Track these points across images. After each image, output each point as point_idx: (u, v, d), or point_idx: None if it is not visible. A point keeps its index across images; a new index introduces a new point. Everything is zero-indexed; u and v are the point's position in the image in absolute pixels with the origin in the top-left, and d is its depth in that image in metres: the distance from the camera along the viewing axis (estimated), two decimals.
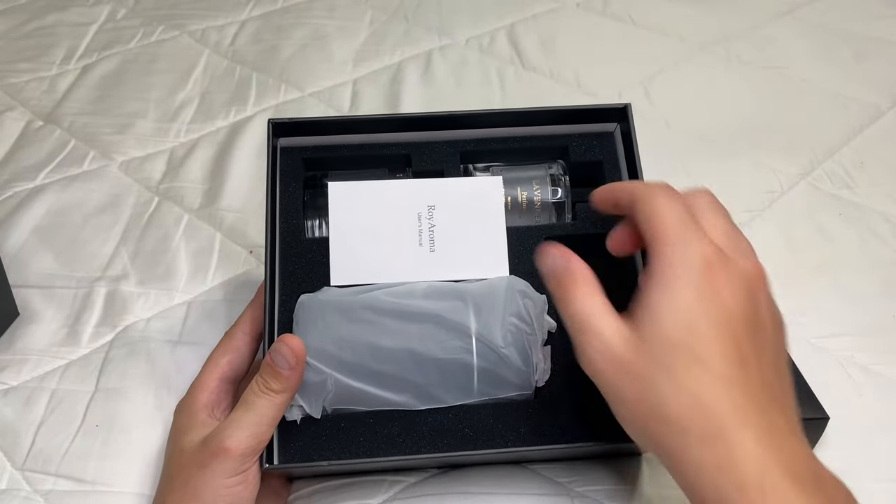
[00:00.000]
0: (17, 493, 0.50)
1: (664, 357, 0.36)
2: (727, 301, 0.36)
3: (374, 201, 0.50)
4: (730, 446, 0.34)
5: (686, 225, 0.38)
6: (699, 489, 0.35)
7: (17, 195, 0.73)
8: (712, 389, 0.35)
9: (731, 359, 0.36)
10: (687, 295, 0.36)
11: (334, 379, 0.46)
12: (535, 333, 0.47)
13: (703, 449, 0.34)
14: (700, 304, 0.36)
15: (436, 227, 0.50)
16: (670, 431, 0.35)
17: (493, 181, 0.51)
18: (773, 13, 1.04)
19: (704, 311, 0.36)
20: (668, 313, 0.36)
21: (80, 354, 0.59)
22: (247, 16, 1.03)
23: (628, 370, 0.37)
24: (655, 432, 0.36)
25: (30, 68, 0.91)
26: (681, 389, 0.35)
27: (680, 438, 0.35)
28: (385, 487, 0.50)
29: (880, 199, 0.75)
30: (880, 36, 0.99)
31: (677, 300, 0.36)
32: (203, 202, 0.73)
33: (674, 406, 0.35)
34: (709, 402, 0.35)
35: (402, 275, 0.49)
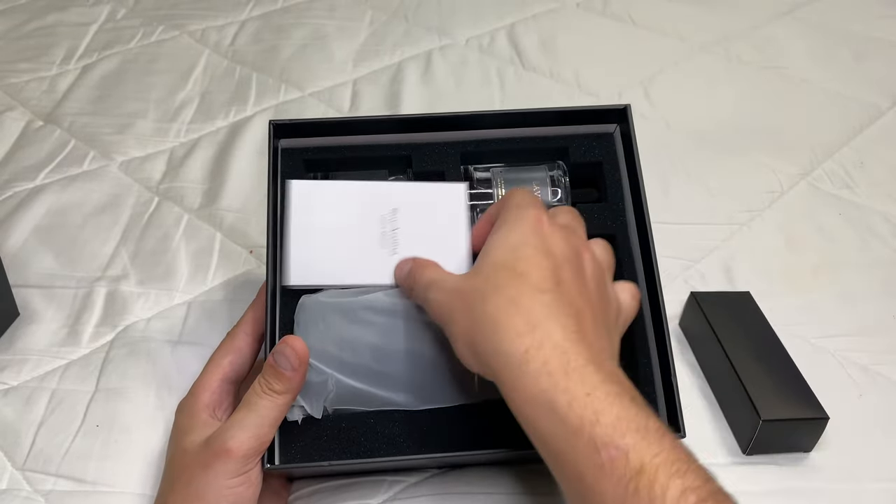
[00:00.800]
0: (18, 493, 0.50)
1: (491, 277, 0.40)
2: (551, 244, 0.41)
3: (336, 202, 0.49)
4: (539, 337, 0.37)
5: (529, 200, 0.44)
6: (520, 385, 0.37)
7: (17, 195, 0.73)
8: (529, 296, 0.39)
9: (547, 277, 0.40)
10: (516, 233, 0.42)
11: (335, 379, 0.46)
12: None
13: (517, 341, 0.37)
14: (526, 238, 0.41)
15: (398, 231, 0.49)
16: (493, 334, 0.38)
17: (457, 187, 0.50)
18: (773, 13, 1.04)
19: (530, 244, 0.41)
20: (498, 246, 0.42)
21: (81, 354, 0.59)
22: (247, 16, 1.03)
23: (462, 295, 0.41)
24: (481, 339, 0.39)
25: (30, 68, 0.91)
26: (502, 297, 0.39)
27: (500, 337, 0.38)
28: (385, 487, 0.50)
29: (880, 198, 0.75)
30: (880, 36, 0.99)
31: (508, 237, 0.42)
32: (203, 202, 0.73)
33: (496, 311, 0.39)
34: (524, 304, 0.39)
35: (362, 277, 0.49)
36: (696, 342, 0.60)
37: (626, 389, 0.36)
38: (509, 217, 0.43)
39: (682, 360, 0.60)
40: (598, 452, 0.34)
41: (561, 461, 0.36)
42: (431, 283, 0.44)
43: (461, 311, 0.41)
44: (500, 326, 0.38)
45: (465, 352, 0.41)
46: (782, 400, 0.52)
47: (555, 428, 0.35)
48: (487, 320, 0.39)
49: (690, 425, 0.47)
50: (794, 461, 0.53)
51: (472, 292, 0.40)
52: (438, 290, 0.43)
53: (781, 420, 0.51)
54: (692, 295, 0.60)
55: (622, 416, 0.35)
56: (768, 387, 0.52)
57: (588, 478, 0.34)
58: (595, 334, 0.39)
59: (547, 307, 0.39)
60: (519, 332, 0.38)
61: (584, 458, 0.34)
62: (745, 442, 0.53)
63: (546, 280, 0.40)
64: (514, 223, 0.42)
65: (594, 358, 0.37)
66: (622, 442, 0.34)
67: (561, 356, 0.37)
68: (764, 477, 0.52)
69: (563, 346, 0.37)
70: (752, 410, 0.51)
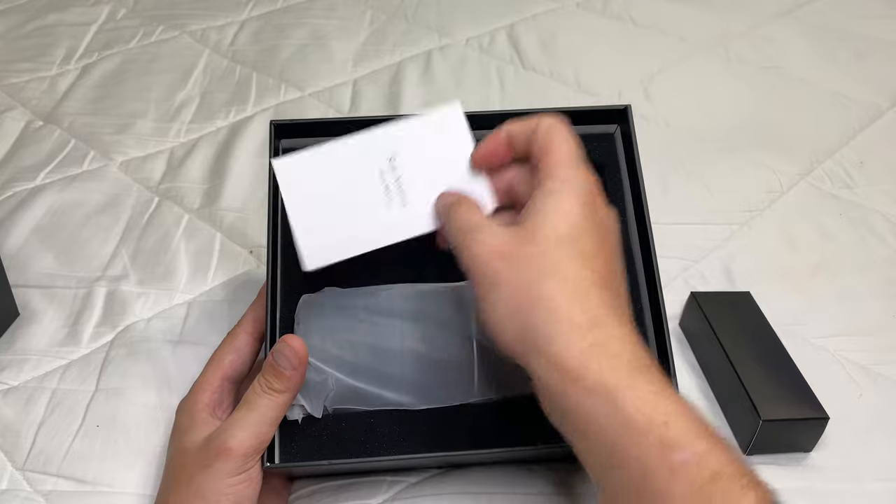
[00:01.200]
0: (18, 494, 0.50)
1: (550, 251, 0.38)
2: (603, 220, 0.40)
3: (327, 168, 0.45)
4: (604, 334, 0.36)
5: (578, 159, 0.41)
6: (579, 379, 0.35)
7: (17, 195, 0.73)
8: (594, 286, 0.38)
9: (607, 265, 0.39)
10: (575, 204, 0.39)
11: (335, 378, 0.46)
12: None
13: (579, 335, 0.36)
14: (585, 213, 0.39)
15: (402, 178, 0.45)
16: (551, 322, 0.37)
17: (451, 109, 0.45)
18: (773, 13, 1.04)
19: (589, 219, 0.39)
20: (557, 213, 0.39)
21: (81, 354, 0.59)
22: (247, 16, 1.03)
23: (511, 258, 0.38)
24: (534, 322, 0.37)
25: (30, 68, 0.91)
26: (564, 281, 0.37)
27: (560, 328, 0.36)
28: (385, 487, 0.50)
29: (880, 198, 0.75)
30: (880, 36, 0.99)
31: (566, 205, 0.39)
32: (203, 202, 0.73)
33: (556, 296, 0.37)
34: (589, 295, 0.37)
35: (378, 239, 0.45)
36: (696, 342, 0.60)
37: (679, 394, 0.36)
38: (567, 176, 0.40)
39: (682, 360, 0.60)
40: (669, 454, 0.33)
41: (621, 458, 0.34)
42: (474, 228, 0.41)
43: (509, 280, 0.38)
44: (560, 315, 0.37)
45: (505, 325, 0.38)
46: (782, 400, 0.52)
47: (617, 426, 0.34)
48: (544, 304, 0.37)
49: None
50: (795, 461, 0.53)
51: (526, 262, 0.38)
52: (481, 242, 0.40)
53: (781, 420, 0.51)
54: (692, 295, 0.60)
55: (691, 420, 0.34)
56: (768, 387, 0.52)
57: (657, 478, 0.33)
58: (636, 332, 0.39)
59: (610, 302, 0.38)
60: (580, 325, 0.36)
61: (653, 459, 0.33)
62: (745, 442, 0.53)
63: (607, 269, 0.39)
64: (573, 188, 0.40)
65: (653, 358, 0.37)
66: (695, 447, 0.33)
67: (629, 353, 0.36)
68: (764, 477, 0.52)
69: (629, 345, 0.36)
70: (753, 410, 0.51)
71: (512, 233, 0.39)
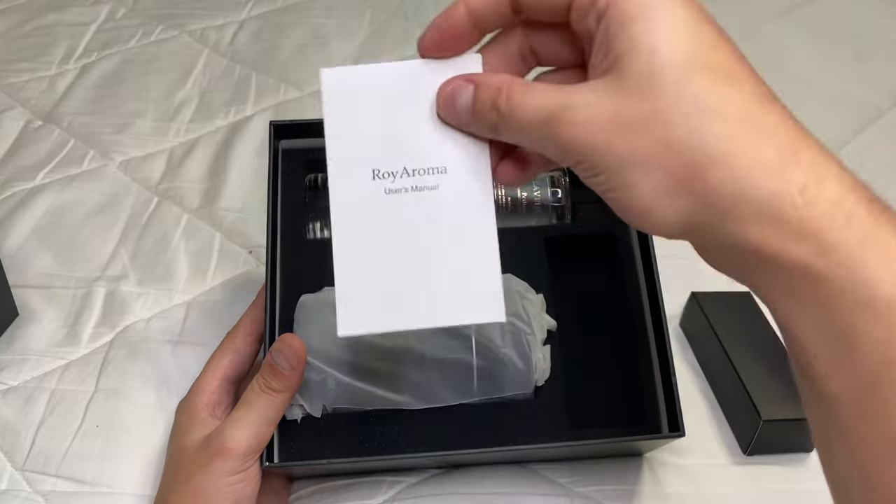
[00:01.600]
0: (18, 494, 0.50)
1: (683, 86, 0.27)
2: (709, 15, 0.30)
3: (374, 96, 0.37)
4: (813, 167, 0.28)
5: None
6: (800, 234, 0.27)
7: (16, 195, 0.73)
8: (761, 108, 0.28)
9: (752, 71, 0.29)
10: (677, 10, 0.28)
11: (335, 378, 0.46)
12: (534, 333, 0.47)
13: (783, 178, 0.27)
14: (695, 14, 0.29)
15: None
16: (734, 176, 0.27)
17: (472, 59, 0.36)
18: (773, 13, 1.04)
19: (704, 21, 0.29)
20: (665, 33, 0.28)
21: (80, 354, 0.59)
22: (246, 15, 1.02)
23: (635, 121, 0.28)
24: (698, 183, 0.28)
25: (29, 68, 0.91)
26: (721, 116, 0.27)
27: (750, 178, 0.27)
28: (385, 488, 0.50)
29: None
30: (881, 35, 0.99)
31: (668, 18, 0.28)
32: (202, 202, 0.73)
33: (718, 138, 0.27)
34: (764, 123, 0.28)
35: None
36: (697, 342, 0.60)
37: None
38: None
39: (682, 360, 0.59)
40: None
41: (851, 331, 0.26)
42: (556, 114, 0.29)
43: (647, 148, 0.28)
44: (740, 163, 0.27)
45: (662, 208, 0.29)
46: (783, 400, 0.52)
47: (851, 283, 0.26)
48: (709, 160, 0.27)
49: (691, 426, 0.47)
50: (795, 461, 0.52)
51: (657, 121, 0.28)
52: (576, 123, 0.29)
53: (782, 420, 0.51)
54: (692, 295, 0.60)
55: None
56: (769, 387, 0.52)
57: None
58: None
59: (788, 120, 0.28)
60: (775, 166, 0.27)
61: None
62: (745, 442, 0.53)
63: (756, 76, 0.29)
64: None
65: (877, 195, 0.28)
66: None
67: (856, 194, 0.27)
68: (765, 477, 0.52)
69: (849, 182, 0.28)
70: (753, 411, 0.51)
71: (613, 88, 0.28)
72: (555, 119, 0.29)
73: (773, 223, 0.27)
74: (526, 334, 0.47)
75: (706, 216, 0.28)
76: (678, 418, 0.46)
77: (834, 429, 0.28)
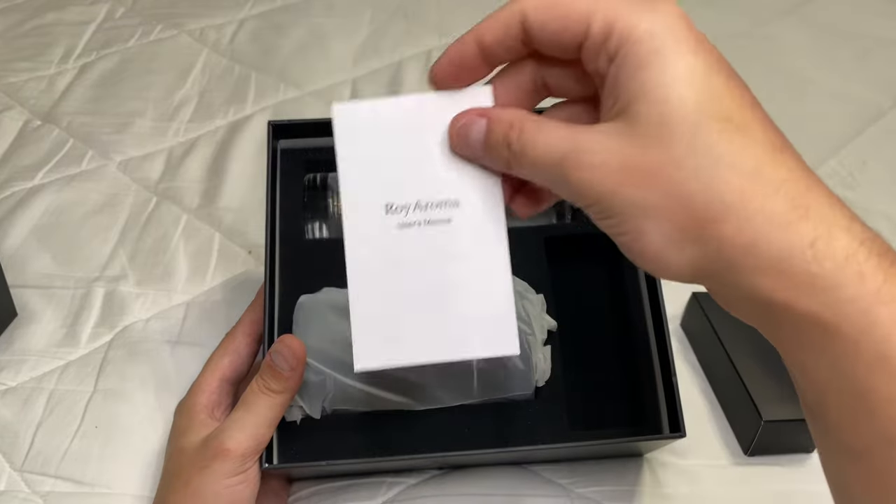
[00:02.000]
0: (17, 495, 0.50)
1: (692, 139, 0.28)
2: (722, 59, 0.30)
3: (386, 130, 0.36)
4: (821, 222, 0.28)
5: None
6: (808, 291, 0.27)
7: (15, 195, 0.73)
8: (770, 161, 0.28)
9: (763, 121, 0.29)
10: (688, 58, 0.28)
11: (334, 379, 0.46)
12: (534, 333, 0.47)
13: (791, 232, 0.27)
14: (707, 64, 0.29)
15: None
16: (732, 223, 0.28)
17: (482, 91, 0.35)
18: (773, 13, 1.04)
19: (713, 70, 0.29)
20: (674, 84, 0.28)
21: (79, 355, 0.59)
22: (245, 14, 1.02)
23: (646, 175, 0.28)
24: (709, 234, 0.28)
25: (28, 67, 0.91)
26: (732, 171, 0.27)
27: (756, 231, 0.27)
28: (384, 489, 0.50)
29: (882, 198, 0.75)
30: (881, 35, 0.99)
31: (679, 66, 0.28)
32: (202, 202, 0.73)
33: (732, 194, 0.27)
34: (771, 177, 0.28)
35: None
36: (698, 342, 0.60)
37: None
38: (651, 27, 0.29)
39: (683, 360, 0.59)
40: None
41: (867, 388, 0.27)
42: (568, 156, 0.30)
43: (658, 194, 0.28)
44: (751, 216, 0.27)
45: (669, 255, 0.29)
46: (784, 401, 0.51)
47: (864, 338, 0.27)
48: (720, 212, 0.28)
49: (692, 426, 0.47)
50: (796, 462, 0.52)
51: (668, 171, 0.28)
52: (589, 167, 0.29)
53: (783, 421, 0.51)
54: (693, 295, 0.60)
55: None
56: (770, 387, 0.52)
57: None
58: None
59: (797, 172, 0.28)
60: (785, 220, 0.27)
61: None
62: (746, 443, 0.53)
63: (767, 126, 0.29)
64: (670, 34, 0.29)
65: (889, 245, 0.28)
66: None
67: (866, 248, 0.27)
68: (766, 478, 0.52)
69: (858, 233, 0.28)
70: (754, 411, 0.51)
71: (625, 134, 0.29)
72: (567, 161, 0.30)
73: (784, 276, 0.28)
74: (526, 334, 0.47)
75: (716, 265, 0.29)
76: (679, 418, 0.46)
77: (853, 476, 0.29)
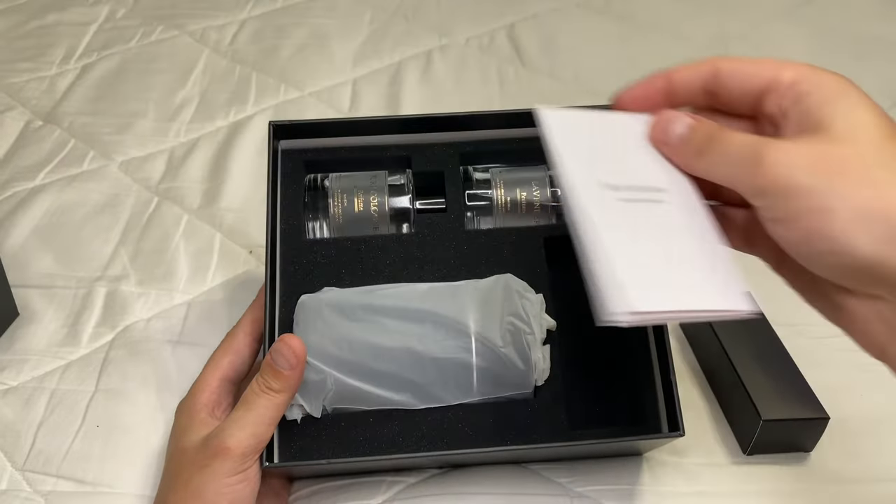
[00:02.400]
0: (18, 494, 0.50)
1: (880, 143, 0.33)
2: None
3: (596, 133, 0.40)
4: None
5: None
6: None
7: (16, 195, 0.73)
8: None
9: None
10: (867, 100, 0.35)
11: (334, 378, 0.46)
12: (533, 333, 0.47)
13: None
14: (880, 109, 0.35)
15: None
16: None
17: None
18: (773, 13, 1.04)
19: (886, 116, 0.35)
20: (861, 112, 0.34)
21: (80, 354, 0.59)
22: (246, 15, 1.02)
23: (840, 158, 0.33)
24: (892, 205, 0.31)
25: (29, 68, 0.91)
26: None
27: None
28: (384, 488, 0.50)
29: None
30: (880, 36, 0.99)
31: (862, 102, 0.35)
32: (203, 202, 0.73)
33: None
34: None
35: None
36: (697, 342, 0.60)
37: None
38: (840, 81, 0.36)
39: (682, 359, 0.60)
40: None
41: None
42: (761, 151, 0.34)
43: (849, 180, 0.32)
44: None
45: (856, 230, 0.32)
46: (783, 400, 0.52)
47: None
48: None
49: (691, 425, 0.47)
50: (795, 461, 0.53)
51: (860, 159, 0.32)
52: (784, 151, 0.33)
53: (782, 420, 0.51)
54: None
55: None
56: (769, 387, 0.52)
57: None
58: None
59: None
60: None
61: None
62: (745, 442, 0.53)
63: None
64: (855, 90, 0.35)
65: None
66: None
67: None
68: (765, 477, 0.52)
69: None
70: (753, 410, 0.51)
71: (816, 140, 0.34)
72: (759, 155, 0.33)
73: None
74: (526, 334, 0.47)
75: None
76: (678, 418, 0.46)
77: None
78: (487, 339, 0.46)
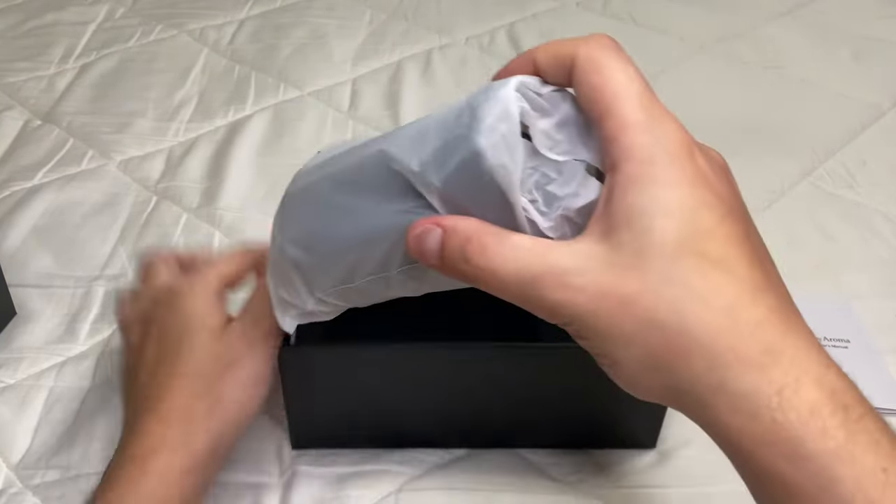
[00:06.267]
0: (15, 492, 0.50)
1: (671, 269, 0.27)
2: (720, 191, 0.29)
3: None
4: (792, 370, 0.27)
5: (650, 102, 0.30)
6: (769, 439, 0.27)
7: (15, 194, 0.73)
8: (748, 301, 0.28)
9: (752, 258, 0.29)
10: (681, 189, 0.28)
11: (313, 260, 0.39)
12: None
13: (758, 379, 0.27)
14: (697, 197, 0.28)
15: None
16: (712, 368, 0.27)
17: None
18: (773, 13, 1.04)
19: (705, 206, 0.28)
20: (661, 213, 0.28)
21: (78, 351, 0.59)
22: (246, 14, 1.02)
23: (622, 303, 0.28)
24: (686, 373, 0.28)
25: (28, 67, 0.91)
26: (707, 309, 0.27)
27: (724, 373, 0.27)
28: (389, 479, 0.50)
29: (881, 198, 0.75)
30: (880, 35, 0.99)
31: (669, 196, 0.28)
32: (202, 201, 0.73)
33: (705, 333, 0.27)
34: (747, 318, 0.27)
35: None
36: None
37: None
38: (644, 145, 0.29)
39: None
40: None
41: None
42: (542, 276, 0.29)
43: (631, 323, 0.28)
44: (720, 355, 0.27)
45: (640, 383, 0.30)
46: None
47: (824, 497, 0.26)
48: (691, 347, 0.27)
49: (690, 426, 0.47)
50: None
51: (643, 300, 0.28)
52: (566, 289, 0.28)
53: None
54: None
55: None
56: None
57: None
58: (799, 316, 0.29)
59: (777, 313, 0.28)
60: (756, 363, 0.27)
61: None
62: None
63: (754, 264, 0.29)
64: (662, 159, 0.29)
65: (861, 395, 0.28)
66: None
67: (833, 401, 0.27)
68: None
69: (829, 384, 0.27)
70: None
71: (604, 259, 0.28)
72: (543, 281, 0.29)
73: (750, 419, 0.27)
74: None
75: (688, 398, 0.29)
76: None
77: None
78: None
